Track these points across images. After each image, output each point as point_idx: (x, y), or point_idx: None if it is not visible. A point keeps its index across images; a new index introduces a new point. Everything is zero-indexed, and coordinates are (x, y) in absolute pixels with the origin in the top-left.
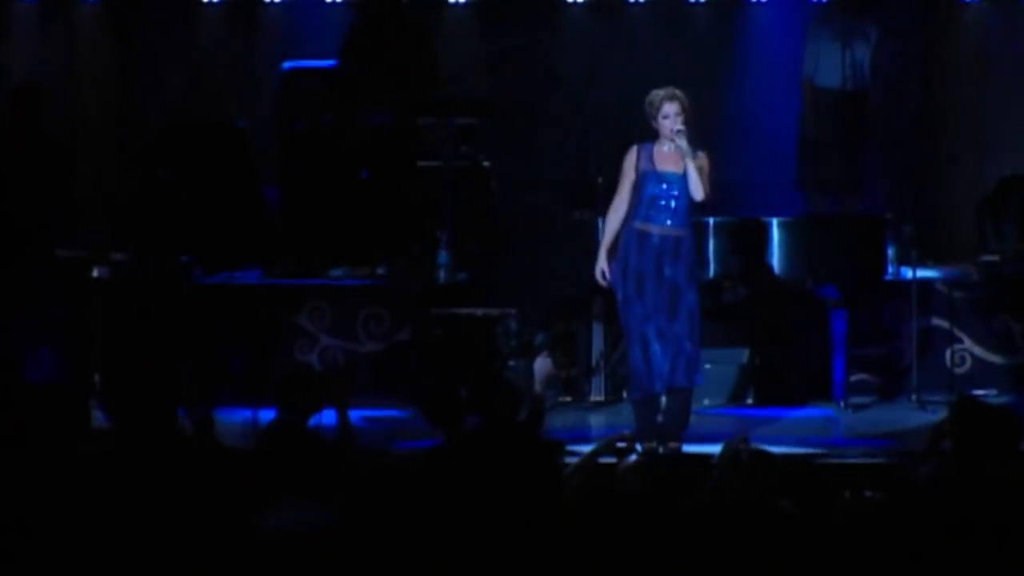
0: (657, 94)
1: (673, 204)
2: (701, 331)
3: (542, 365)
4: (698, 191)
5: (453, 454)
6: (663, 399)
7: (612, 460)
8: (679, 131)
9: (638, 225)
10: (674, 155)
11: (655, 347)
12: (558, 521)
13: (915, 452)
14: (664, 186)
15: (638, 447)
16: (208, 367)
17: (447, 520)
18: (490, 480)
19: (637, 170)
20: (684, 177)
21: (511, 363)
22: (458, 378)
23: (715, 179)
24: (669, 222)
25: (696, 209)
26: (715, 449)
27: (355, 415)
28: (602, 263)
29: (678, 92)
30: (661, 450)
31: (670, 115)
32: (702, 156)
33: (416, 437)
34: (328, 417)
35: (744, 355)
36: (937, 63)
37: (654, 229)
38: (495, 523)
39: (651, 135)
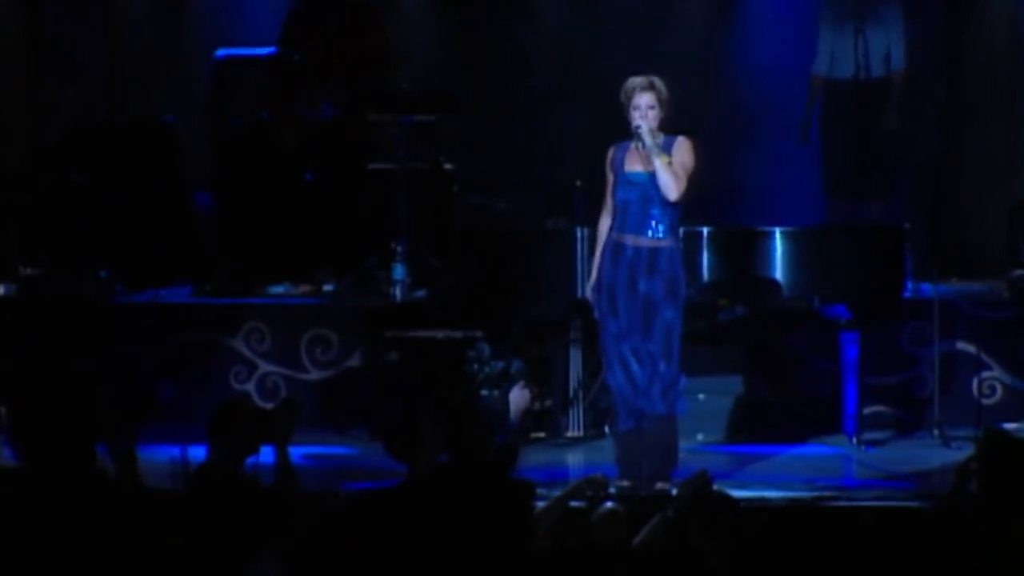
0: (632, 82)
1: (646, 210)
2: (681, 352)
3: (518, 396)
4: (669, 190)
5: (410, 497)
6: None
7: (584, 505)
8: (637, 127)
9: (614, 235)
10: (645, 153)
11: (635, 366)
12: (526, 573)
13: (938, 495)
14: (632, 190)
15: (612, 490)
16: (130, 398)
17: (404, 574)
18: (452, 527)
19: (613, 172)
20: (654, 175)
21: (484, 392)
22: (419, 408)
23: (710, 183)
24: (642, 231)
25: (686, 216)
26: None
27: (297, 453)
28: (594, 277)
29: (657, 81)
30: (645, 493)
31: (640, 107)
32: (682, 142)
33: (368, 477)
34: (267, 456)
35: (742, 384)
36: (963, 50)
37: (627, 239)
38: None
39: (624, 129)
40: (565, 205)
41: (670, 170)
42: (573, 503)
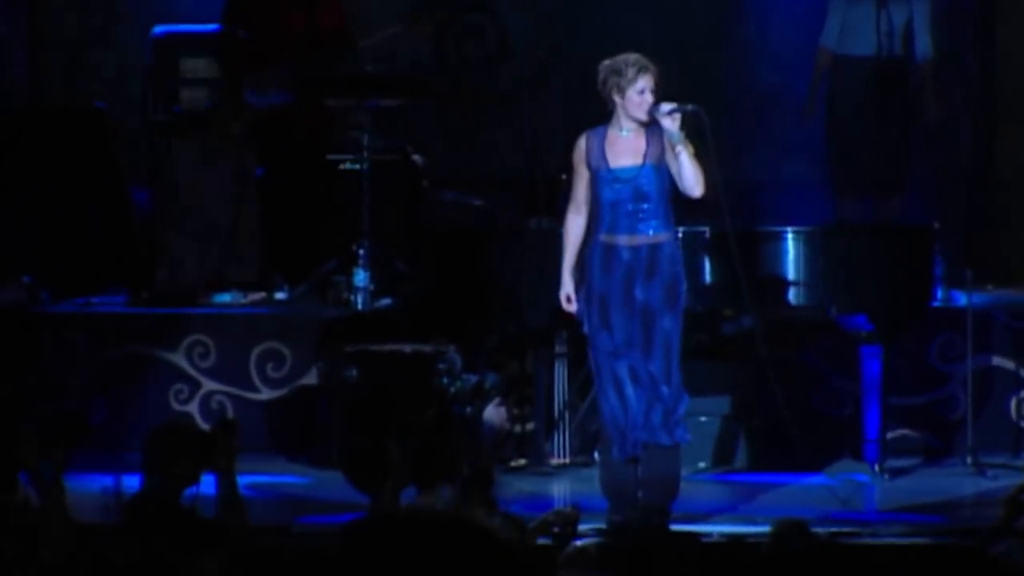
0: (627, 61)
1: (639, 206)
2: (681, 369)
3: (494, 414)
4: (695, 187)
5: (373, 534)
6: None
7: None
8: (673, 109)
9: (602, 237)
10: (632, 142)
11: (629, 389)
12: None
13: (978, 530)
14: (622, 188)
15: (598, 525)
16: (57, 420)
17: None
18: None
19: (589, 166)
20: (650, 168)
21: (455, 409)
22: (383, 431)
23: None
24: (637, 229)
25: (685, 209)
26: (713, 528)
27: (244, 482)
28: (567, 285)
29: (650, 63)
30: (644, 527)
31: (646, 90)
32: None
33: (325, 510)
34: (208, 486)
35: (749, 405)
36: (998, 28)
37: (622, 240)
38: None
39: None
40: (548, 202)
41: (696, 163)
42: (541, 539)
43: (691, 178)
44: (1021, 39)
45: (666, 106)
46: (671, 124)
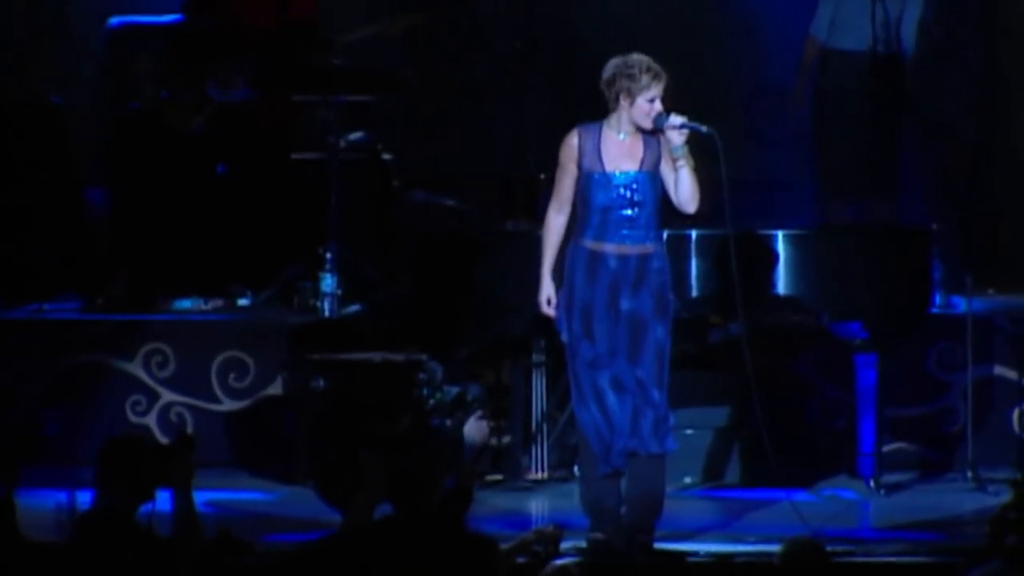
0: (641, 66)
1: (634, 213)
2: (671, 379)
3: (475, 428)
4: (692, 202)
5: (343, 553)
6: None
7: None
8: (685, 124)
9: (588, 243)
10: (629, 146)
11: (611, 399)
12: None
13: (970, 549)
14: (619, 191)
15: (579, 543)
16: (8, 433)
17: None
18: None
19: (580, 166)
20: (645, 175)
21: (435, 422)
22: (357, 444)
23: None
24: (628, 239)
25: (669, 214)
26: (699, 547)
27: (204, 498)
28: (547, 290)
29: (663, 70)
30: (627, 545)
31: (656, 99)
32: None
33: (291, 528)
34: (164, 502)
35: (737, 417)
36: (998, 20)
37: (609, 248)
38: None
39: (603, 114)
40: (527, 203)
41: (695, 178)
42: (519, 559)
43: (688, 193)
44: (1023, 28)
45: (677, 119)
46: (678, 137)
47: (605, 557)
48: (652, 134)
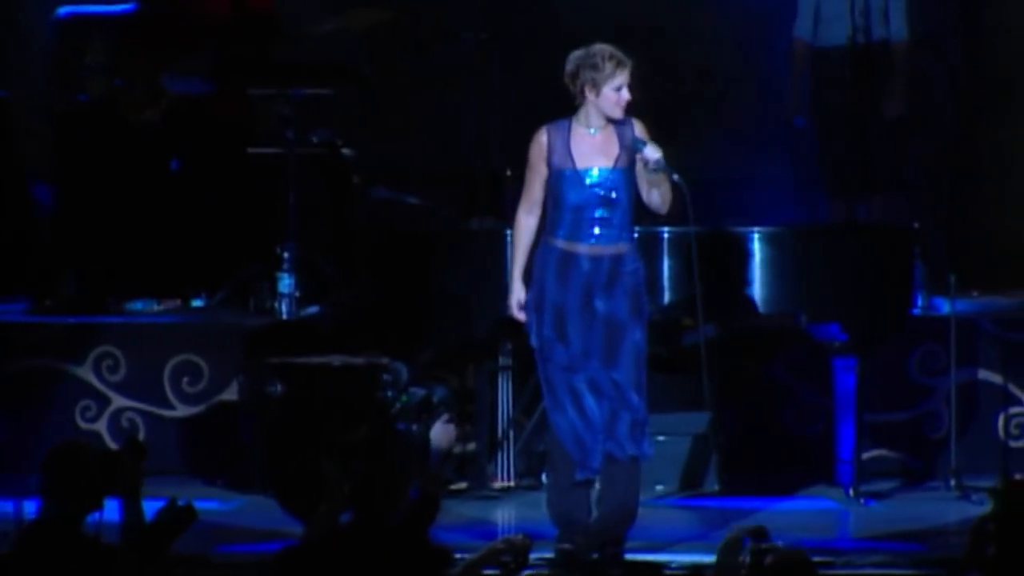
0: (603, 54)
1: (609, 212)
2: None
3: (441, 433)
4: (663, 205)
5: (305, 565)
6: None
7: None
8: (658, 163)
9: (560, 243)
10: (601, 141)
11: (590, 401)
12: None
13: (953, 560)
14: (591, 192)
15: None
16: None
17: None
18: None
19: (550, 164)
20: (620, 173)
21: (401, 428)
22: (318, 451)
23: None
24: (604, 237)
25: (643, 214)
26: (674, 557)
27: (156, 507)
28: (519, 292)
29: (626, 57)
30: (597, 555)
31: (623, 87)
32: (641, 129)
33: (247, 538)
34: (113, 511)
35: (712, 423)
36: (987, 12)
37: (582, 248)
38: None
39: (571, 106)
40: (491, 200)
41: (669, 187)
42: (487, 571)
43: (659, 201)
44: (1008, 20)
45: (653, 153)
46: (657, 155)
47: (573, 569)
48: (622, 127)
